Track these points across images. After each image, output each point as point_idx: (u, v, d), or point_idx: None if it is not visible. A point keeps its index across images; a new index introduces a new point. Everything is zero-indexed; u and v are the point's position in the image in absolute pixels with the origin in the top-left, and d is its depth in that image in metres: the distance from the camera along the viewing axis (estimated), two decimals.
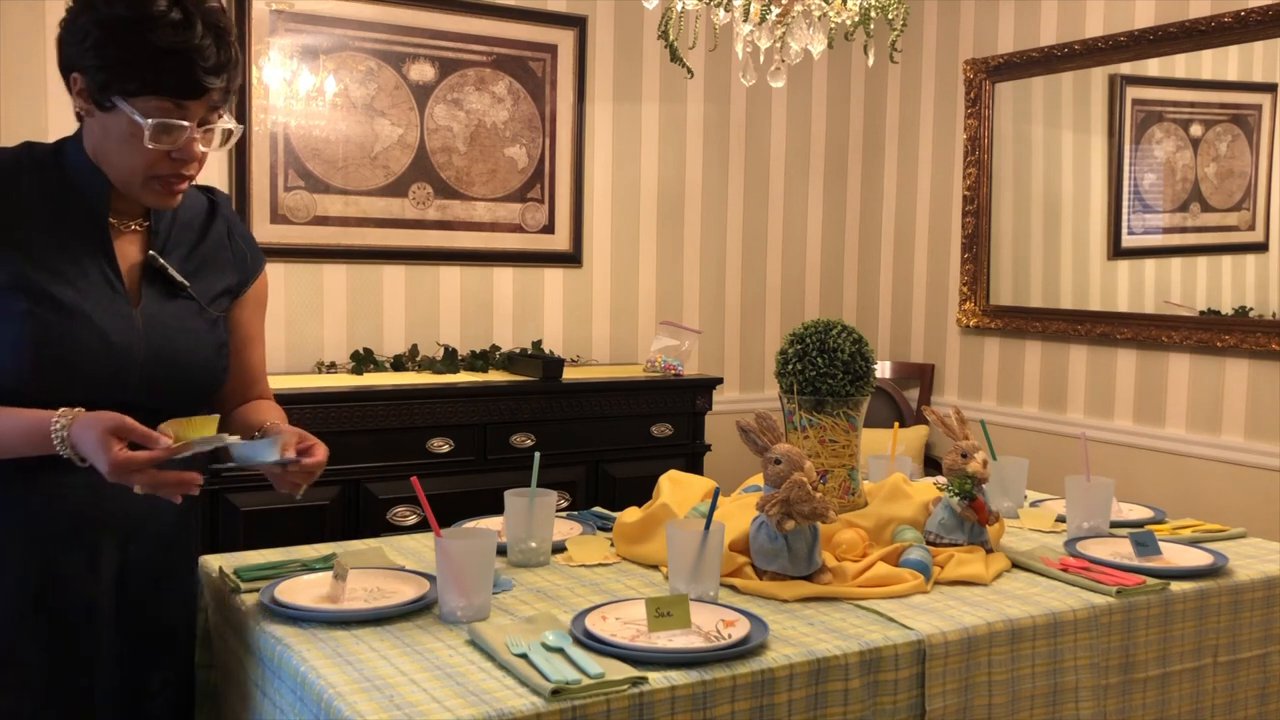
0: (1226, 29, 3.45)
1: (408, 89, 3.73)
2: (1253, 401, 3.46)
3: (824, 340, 2.04)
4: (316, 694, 1.37)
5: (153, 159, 1.52)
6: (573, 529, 2.11)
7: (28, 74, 3.18)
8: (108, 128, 1.51)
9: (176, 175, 1.55)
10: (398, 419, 3.32)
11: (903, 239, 4.63)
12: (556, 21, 3.97)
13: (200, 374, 1.64)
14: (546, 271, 4.06)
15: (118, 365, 1.55)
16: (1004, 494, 2.33)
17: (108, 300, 1.56)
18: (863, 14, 2.36)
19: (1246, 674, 1.92)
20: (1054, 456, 3.91)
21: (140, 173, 1.53)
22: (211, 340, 1.66)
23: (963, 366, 4.40)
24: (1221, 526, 2.29)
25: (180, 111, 1.50)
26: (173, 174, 1.54)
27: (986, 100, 4.22)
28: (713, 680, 1.41)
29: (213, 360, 1.66)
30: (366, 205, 3.70)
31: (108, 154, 1.54)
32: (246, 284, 1.76)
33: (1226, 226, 3.58)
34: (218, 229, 1.72)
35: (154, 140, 1.49)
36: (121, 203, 1.60)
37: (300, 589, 1.67)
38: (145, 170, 1.53)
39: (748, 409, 2.79)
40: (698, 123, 4.34)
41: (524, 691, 1.34)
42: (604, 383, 3.69)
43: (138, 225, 1.63)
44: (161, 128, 1.49)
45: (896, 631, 1.60)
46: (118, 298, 1.57)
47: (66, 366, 1.52)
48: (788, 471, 1.75)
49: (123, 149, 1.51)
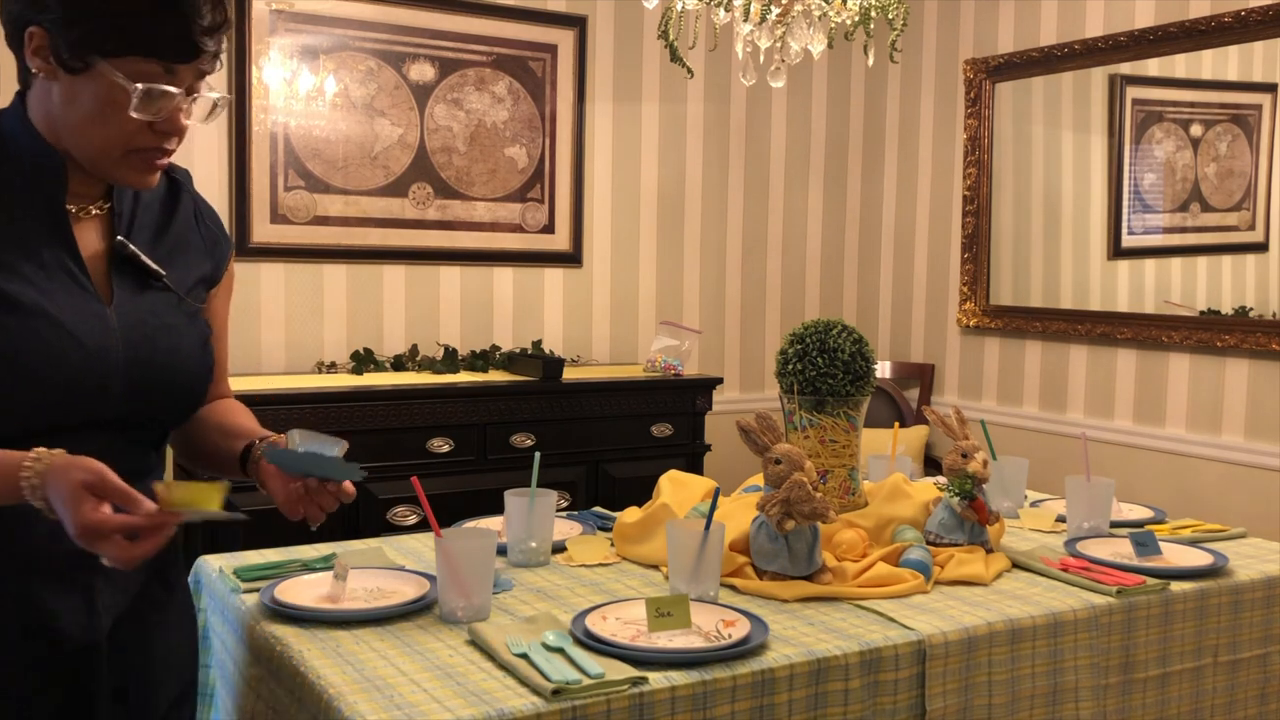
0: (1226, 29, 3.45)
1: (408, 89, 3.73)
2: (1253, 401, 3.46)
3: (824, 340, 2.04)
4: (316, 694, 1.37)
5: (133, 130, 1.30)
6: (573, 529, 2.11)
7: None
8: (76, 93, 1.29)
9: (159, 149, 1.34)
10: (398, 419, 3.32)
11: (903, 239, 4.63)
12: (556, 21, 3.97)
13: (187, 378, 1.44)
14: (546, 271, 4.06)
15: (94, 375, 1.32)
16: (1004, 494, 2.33)
17: (74, 298, 1.33)
18: (863, 14, 2.36)
19: (1246, 674, 1.92)
20: (1054, 456, 3.91)
21: (118, 146, 1.31)
22: (195, 337, 1.46)
23: (963, 366, 4.40)
24: (1221, 526, 2.29)
25: (169, 77, 1.29)
26: (154, 147, 1.33)
27: (986, 100, 4.22)
28: (713, 680, 1.41)
29: (199, 361, 1.46)
30: (367, 205, 3.70)
31: (72, 125, 1.31)
32: (220, 270, 1.54)
33: (1226, 226, 3.58)
34: (184, 209, 1.50)
35: (140, 109, 1.28)
36: (77, 184, 1.36)
37: (300, 589, 1.67)
38: (124, 143, 1.31)
39: (748, 409, 2.79)
40: (698, 123, 4.34)
41: (524, 691, 1.34)
42: (604, 383, 3.69)
43: (97, 209, 1.40)
44: (150, 94, 1.28)
45: (896, 631, 1.60)
46: (85, 294, 1.34)
47: (30, 382, 1.27)
48: (788, 471, 1.75)
49: (97, 119, 1.29)
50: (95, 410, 1.33)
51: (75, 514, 1.18)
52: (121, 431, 1.36)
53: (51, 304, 1.30)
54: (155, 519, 1.22)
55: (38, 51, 1.28)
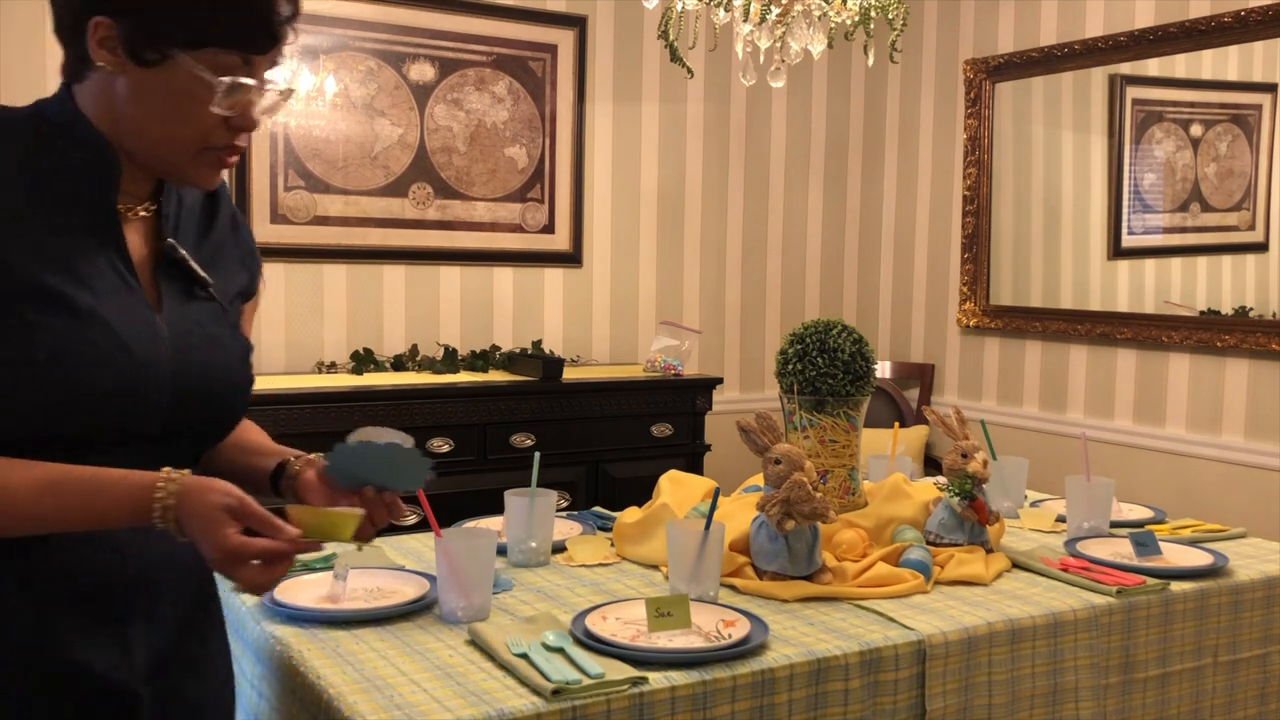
0: (1226, 29, 3.45)
1: (408, 89, 3.73)
2: (1253, 401, 3.46)
3: (824, 340, 2.04)
4: (316, 694, 1.37)
5: (211, 126, 1.22)
6: (573, 529, 2.11)
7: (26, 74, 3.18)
8: (148, 88, 1.19)
9: (231, 147, 1.26)
10: (398, 419, 3.32)
11: (903, 239, 4.63)
12: (556, 21, 3.97)
13: (233, 394, 1.33)
14: (546, 271, 4.06)
15: (140, 386, 1.21)
16: (1004, 494, 2.33)
17: (125, 302, 1.22)
18: (863, 14, 2.36)
19: (1246, 674, 1.92)
20: (1054, 456, 3.91)
21: (194, 143, 1.23)
22: (238, 351, 1.36)
23: (963, 366, 4.40)
24: (1221, 526, 2.29)
25: (246, 69, 1.21)
26: (227, 145, 1.25)
27: (986, 100, 4.22)
28: (713, 680, 1.41)
29: (241, 377, 1.35)
30: (367, 205, 3.70)
31: (141, 121, 1.21)
32: (254, 284, 1.45)
33: (1226, 226, 3.58)
34: (223, 216, 1.40)
35: (221, 104, 1.20)
36: (126, 182, 1.27)
37: (300, 589, 1.67)
38: (200, 140, 1.23)
39: (748, 409, 2.78)
40: (698, 123, 4.34)
41: (524, 691, 1.34)
42: (604, 383, 3.69)
43: (145, 210, 1.30)
44: (233, 88, 1.20)
45: (896, 631, 1.60)
46: (136, 299, 1.24)
47: (71, 389, 1.16)
48: (788, 471, 1.75)
49: (173, 114, 1.21)
50: (134, 424, 1.22)
51: (216, 537, 1.13)
52: (158, 447, 1.25)
53: (103, 307, 1.19)
54: (298, 546, 1.18)
55: (103, 43, 1.18)
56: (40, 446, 1.17)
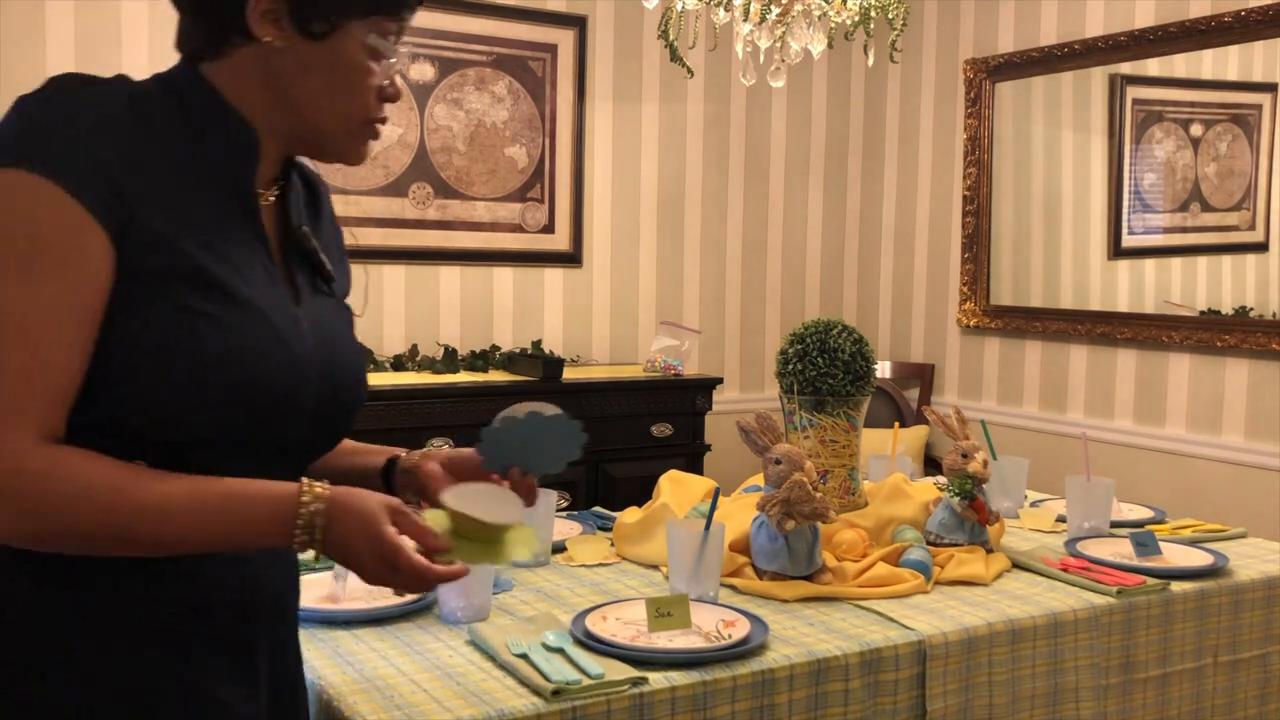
0: (1226, 29, 3.44)
1: (407, 88, 3.73)
2: (1253, 401, 3.46)
3: (824, 340, 2.04)
4: (316, 694, 1.37)
5: (375, 97, 1.15)
6: (573, 529, 2.11)
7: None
8: (315, 61, 1.10)
9: (383, 118, 1.18)
10: (397, 419, 3.32)
11: (903, 239, 4.63)
12: (556, 21, 3.97)
13: (360, 399, 1.21)
14: (546, 271, 4.06)
15: (296, 389, 1.10)
16: (1004, 494, 2.33)
17: (274, 293, 1.11)
18: (863, 14, 2.36)
19: (1246, 674, 1.92)
20: (1054, 456, 3.91)
21: (359, 116, 1.14)
22: (360, 351, 1.25)
23: (963, 366, 4.40)
24: (1221, 526, 2.29)
25: (399, 37, 1.15)
26: (381, 118, 1.17)
27: (986, 100, 4.22)
28: (713, 680, 1.41)
29: (364, 378, 1.24)
30: (366, 205, 3.70)
31: (305, 96, 1.12)
32: (349, 283, 1.32)
33: (1226, 226, 3.58)
34: (326, 208, 1.30)
35: (386, 73, 1.14)
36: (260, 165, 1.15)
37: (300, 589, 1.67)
38: (366, 112, 1.14)
39: (748, 409, 2.78)
40: (698, 123, 4.34)
41: (524, 692, 1.34)
42: (604, 383, 3.69)
43: (272, 195, 1.18)
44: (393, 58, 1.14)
45: (897, 632, 1.60)
46: (280, 291, 1.12)
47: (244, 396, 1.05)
48: (788, 471, 1.75)
49: (343, 87, 1.12)
50: (284, 432, 1.10)
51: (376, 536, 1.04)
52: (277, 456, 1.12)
53: (260, 298, 1.08)
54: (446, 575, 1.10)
55: (266, 16, 1.08)
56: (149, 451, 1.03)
